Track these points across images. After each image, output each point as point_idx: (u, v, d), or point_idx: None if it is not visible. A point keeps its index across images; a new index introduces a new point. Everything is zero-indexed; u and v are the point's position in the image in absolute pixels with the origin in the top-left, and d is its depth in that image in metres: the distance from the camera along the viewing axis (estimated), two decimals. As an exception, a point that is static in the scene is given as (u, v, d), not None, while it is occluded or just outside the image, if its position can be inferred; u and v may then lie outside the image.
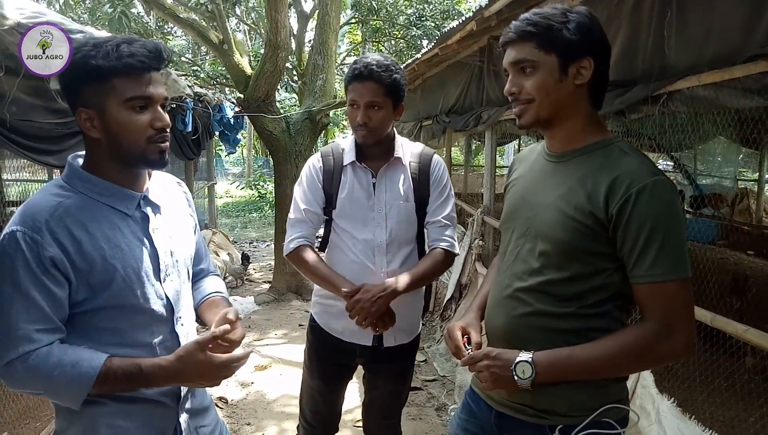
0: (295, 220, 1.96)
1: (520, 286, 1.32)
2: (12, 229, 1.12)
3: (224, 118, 6.22)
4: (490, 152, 4.66)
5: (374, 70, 1.78)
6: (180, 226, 1.38)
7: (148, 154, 1.20)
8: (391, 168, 1.94)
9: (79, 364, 1.11)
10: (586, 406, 1.25)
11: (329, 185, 1.94)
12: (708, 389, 2.95)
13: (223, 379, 1.24)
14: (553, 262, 1.26)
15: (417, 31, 10.77)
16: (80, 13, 10.38)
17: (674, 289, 1.16)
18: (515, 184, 1.45)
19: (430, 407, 3.60)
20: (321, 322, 2.03)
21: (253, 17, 12.18)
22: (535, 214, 1.31)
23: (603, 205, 1.18)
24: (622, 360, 1.21)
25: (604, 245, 1.21)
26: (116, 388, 1.17)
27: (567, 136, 1.29)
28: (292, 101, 14.82)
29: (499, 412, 1.38)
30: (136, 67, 1.14)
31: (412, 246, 1.98)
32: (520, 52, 1.24)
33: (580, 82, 1.23)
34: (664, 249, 1.15)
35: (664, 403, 2.17)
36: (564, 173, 1.28)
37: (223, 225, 10.95)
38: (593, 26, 1.23)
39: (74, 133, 2.93)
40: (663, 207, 1.15)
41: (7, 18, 2.06)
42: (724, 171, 9.58)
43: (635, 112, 2.66)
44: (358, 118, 1.82)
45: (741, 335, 1.97)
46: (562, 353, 1.23)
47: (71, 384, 1.11)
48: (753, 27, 1.88)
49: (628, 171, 1.18)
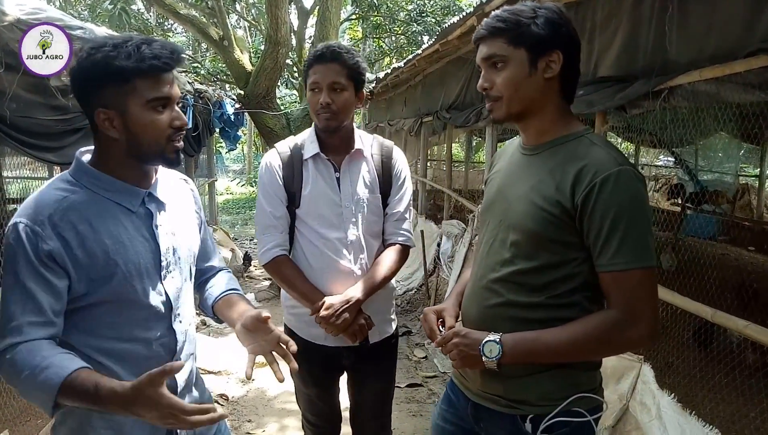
0: (265, 226, 1.88)
1: (493, 276, 1.35)
2: (16, 221, 1.14)
3: (224, 115, 6.22)
4: (491, 148, 4.66)
5: (336, 51, 1.78)
6: (184, 224, 1.38)
7: (166, 152, 1.21)
8: (353, 160, 1.89)
9: (47, 370, 1.06)
10: (557, 396, 1.28)
11: (290, 183, 1.85)
12: (708, 385, 2.95)
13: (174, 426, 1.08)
14: (523, 251, 1.29)
15: (417, 27, 10.77)
16: (80, 10, 10.37)
17: (637, 277, 1.18)
18: (494, 178, 1.49)
19: (430, 403, 3.60)
20: (299, 332, 1.95)
21: (254, 14, 12.18)
22: (509, 206, 1.34)
23: (570, 195, 1.21)
24: (586, 345, 1.24)
25: (572, 235, 1.24)
26: (77, 403, 1.07)
27: (539, 129, 1.33)
28: (292, 98, 14.82)
29: (475, 402, 1.42)
30: (160, 68, 1.14)
31: (381, 240, 1.94)
32: (491, 48, 1.28)
33: (550, 76, 1.26)
34: (627, 238, 1.17)
35: (665, 399, 2.17)
36: (536, 165, 1.32)
37: (223, 222, 10.96)
38: (561, 21, 1.27)
39: (75, 129, 2.93)
40: (626, 196, 1.18)
41: (7, 14, 2.06)
42: (726, 166, 9.56)
43: (636, 108, 2.65)
44: (321, 100, 1.77)
45: (742, 331, 1.97)
46: (529, 335, 1.26)
47: (37, 390, 1.07)
48: (754, 22, 1.88)
49: (594, 161, 1.21)
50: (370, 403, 2.08)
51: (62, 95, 2.57)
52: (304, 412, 2.12)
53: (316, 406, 2.06)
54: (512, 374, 1.31)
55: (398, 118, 7.79)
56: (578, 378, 1.31)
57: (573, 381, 1.30)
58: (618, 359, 2.42)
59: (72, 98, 2.63)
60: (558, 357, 1.27)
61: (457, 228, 5.30)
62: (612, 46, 2.63)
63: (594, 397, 1.31)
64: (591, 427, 1.30)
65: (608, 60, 2.66)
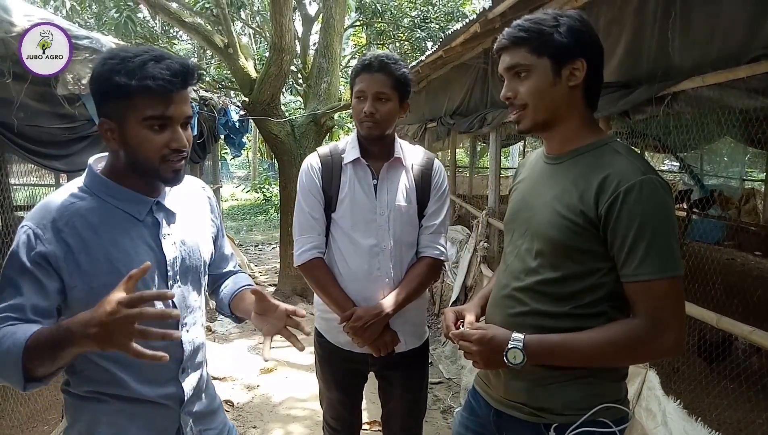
0: (303, 226, 1.90)
1: (517, 285, 1.35)
2: (23, 224, 1.17)
3: (229, 122, 6.24)
4: (495, 154, 4.66)
5: (384, 62, 1.80)
6: (195, 233, 1.37)
7: (161, 172, 1.20)
8: (392, 169, 1.90)
9: (15, 334, 1.06)
10: (581, 405, 1.27)
11: (329, 186, 1.88)
12: (715, 391, 2.94)
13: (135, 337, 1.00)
14: (548, 261, 1.28)
15: (421, 33, 10.78)
16: (87, 18, 10.45)
17: (663, 287, 1.17)
18: (518, 187, 1.49)
19: (435, 410, 3.60)
20: (328, 336, 1.98)
21: (258, 21, 12.24)
22: (533, 215, 1.34)
23: (593, 204, 1.21)
24: (610, 352, 1.22)
25: (596, 244, 1.23)
26: (46, 353, 1.04)
27: (563, 138, 1.32)
28: (297, 104, 14.87)
29: (497, 410, 1.41)
30: (154, 89, 1.13)
31: (415, 250, 1.95)
32: (514, 57, 1.27)
33: (574, 84, 1.25)
34: (652, 248, 1.16)
35: (671, 405, 2.16)
36: (560, 174, 1.31)
37: (228, 228, 10.99)
38: (584, 28, 1.26)
39: (81, 138, 2.95)
40: (651, 206, 1.17)
41: (15, 25, 2.08)
42: (731, 171, 9.53)
43: (640, 113, 2.65)
44: (365, 109, 1.80)
45: (747, 336, 1.96)
46: (554, 339, 1.25)
47: (6, 354, 1.05)
48: (757, 27, 1.88)
49: (618, 170, 1.20)
50: (400, 413, 2.09)
51: (69, 104, 2.59)
52: (325, 415, 2.15)
53: (337, 410, 2.09)
54: (537, 382, 1.30)
55: (402, 123, 7.80)
56: (604, 388, 1.30)
57: (598, 391, 1.29)
58: (623, 365, 2.41)
59: (79, 106, 2.66)
60: (581, 362, 1.26)
61: (462, 234, 5.30)
62: (615, 51, 2.64)
63: (620, 408, 1.30)
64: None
65: (611, 66, 2.66)
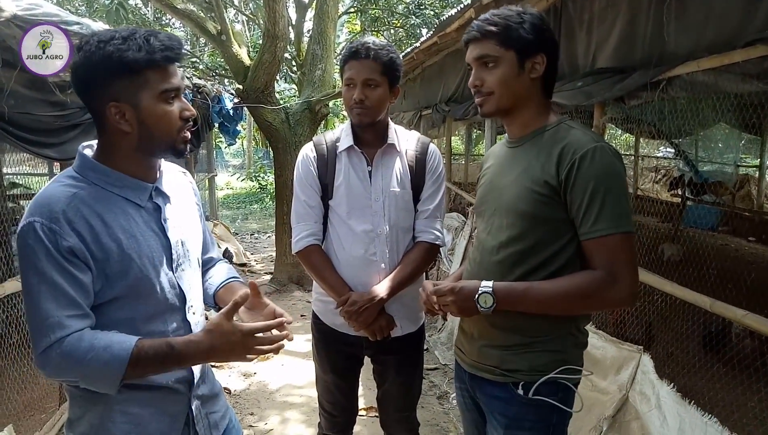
0: (300, 214, 1.94)
1: (492, 259, 1.47)
2: (29, 221, 1.11)
3: (223, 110, 6.20)
4: (490, 141, 4.66)
5: (371, 48, 1.80)
6: (188, 216, 1.39)
7: (177, 144, 1.23)
8: (386, 154, 1.91)
9: (111, 347, 1.09)
10: (547, 368, 1.43)
11: (324, 174, 1.91)
12: (707, 374, 2.97)
13: (254, 354, 1.19)
14: (518, 232, 1.41)
15: (416, 20, 10.73)
16: (77, 5, 10.34)
17: (616, 241, 1.30)
18: (486, 174, 1.61)
19: (431, 395, 3.62)
20: (324, 319, 2.01)
21: (251, 7, 12.13)
22: (501, 194, 1.48)
23: (555, 173, 1.35)
24: (571, 298, 1.36)
25: (561, 211, 1.36)
26: (149, 370, 1.15)
27: (523, 122, 1.47)
28: (291, 92, 14.78)
29: (471, 374, 1.57)
30: (171, 59, 1.16)
31: (411, 235, 1.96)
32: (483, 49, 1.41)
33: (535, 76, 1.41)
34: (605, 206, 1.30)
35: (664, 389, 2.19)
36: (522, 154, 1.46)
37: (224, 217, 10.97)
38: (545, 26, 1.41)
39: (73, 125, 2.93)
40: (603, 169, 1.30)
41: (4, 10, 2.06)
42: (726, 157, 9.55)
43: (635, 99, 2.65)
44: (354, 96, 1.80)
45: (740, 320, 1.98)
46: (520, 286, 1.39)
47: (105, 367, 1.09)
48: (752, 12, 1.88)
49: (573, 140, 1.35)
50: (394, 395, 2.12)
51: (60, 91, 2.56)
52: (320, 399, 2.17)
53: (333, 394, 2.10)
54: (509, 348, 1.46)
55: (397, 111, 7.78)
56: (567, 355, 1.45)
57: (561, 357, 1.44)
58: (618, 349, 2.43)
59: (70, 94, 2.63)
60: (546, 307, 1.39)
61: (458, 221, 5.31)
62: (610, 37, 2.63)
63: (578, 368, 1.47)
64: (573, 392, 1.47)
65: (606, 51, 2.66)
